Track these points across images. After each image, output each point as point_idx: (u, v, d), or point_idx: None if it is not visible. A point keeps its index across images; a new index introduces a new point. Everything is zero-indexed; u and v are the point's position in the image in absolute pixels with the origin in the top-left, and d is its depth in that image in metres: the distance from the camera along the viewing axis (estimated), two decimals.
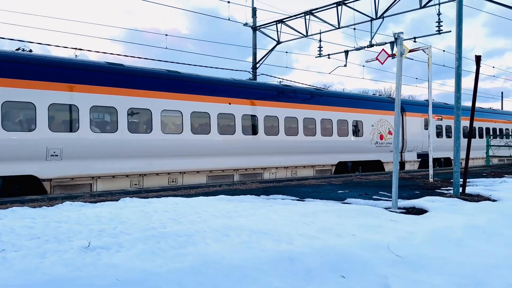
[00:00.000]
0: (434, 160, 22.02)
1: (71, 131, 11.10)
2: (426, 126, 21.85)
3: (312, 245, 4.80)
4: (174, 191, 9.99)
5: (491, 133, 24.98)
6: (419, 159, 22.02)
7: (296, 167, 16.72)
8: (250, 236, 4.88)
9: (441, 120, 22.93)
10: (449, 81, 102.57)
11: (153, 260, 4.09)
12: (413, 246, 5.32)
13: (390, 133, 20.38)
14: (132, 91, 12.42)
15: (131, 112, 12.32)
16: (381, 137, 20.06)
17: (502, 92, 76.24)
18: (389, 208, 7.40)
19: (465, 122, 21.87)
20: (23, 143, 10.37)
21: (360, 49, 22.27)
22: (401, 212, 7.10)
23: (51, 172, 10.89)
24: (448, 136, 22.93)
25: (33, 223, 5.29)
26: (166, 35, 20.32)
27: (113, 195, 9.19)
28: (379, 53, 12.56)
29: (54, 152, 10.83)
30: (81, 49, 16.47)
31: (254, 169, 15.52)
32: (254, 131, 15.14)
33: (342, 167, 18.46)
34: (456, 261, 4.93)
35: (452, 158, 22.21)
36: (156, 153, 12.69)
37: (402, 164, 21.01)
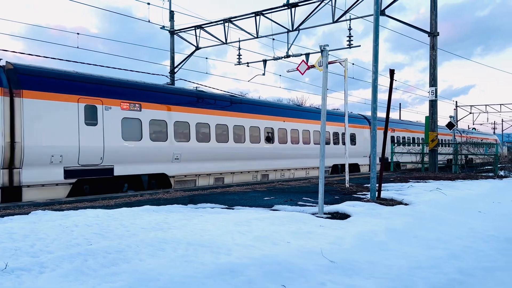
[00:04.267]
0: None
1: None
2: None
3: (251, 255, 4.74)
4: (91, 202, 9.32)
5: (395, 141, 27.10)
6: None
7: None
8: (187, 249, 4.67)
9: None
10: (353, 92, 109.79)
11: (83, 281, 3.71)
12: (344, 251, 5.51)
13: None
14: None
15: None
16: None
17: (400, 104, 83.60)
18: (316, 213, 7.61)
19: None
20: None
21: (278, 59, 22.91)
22: (327, 218, 7.34)
23: None
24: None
25: None
26: (78, 33, 19.04)
27: (21, 208, 8.30)
28: (299, 64, 12.97)
29: None
30: None
31: None
32: None
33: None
34: (384, 264, 5.20)
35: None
36: None
37: None
